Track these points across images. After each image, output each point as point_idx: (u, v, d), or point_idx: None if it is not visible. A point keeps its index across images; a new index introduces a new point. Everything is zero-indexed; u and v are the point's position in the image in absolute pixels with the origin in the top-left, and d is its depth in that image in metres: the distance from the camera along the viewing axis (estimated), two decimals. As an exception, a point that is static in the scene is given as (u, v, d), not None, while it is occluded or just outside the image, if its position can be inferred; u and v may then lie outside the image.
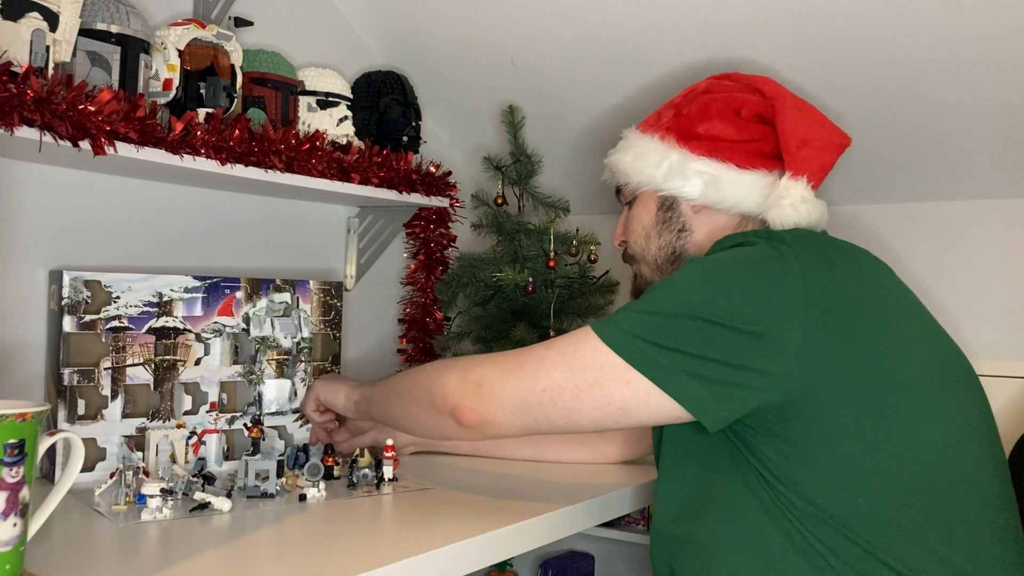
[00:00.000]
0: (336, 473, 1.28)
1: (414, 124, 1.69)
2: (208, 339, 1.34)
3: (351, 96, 1.61)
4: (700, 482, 1.10)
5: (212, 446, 1.34)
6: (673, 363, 0.99)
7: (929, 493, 0.99)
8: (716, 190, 1.21)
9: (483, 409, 1.08)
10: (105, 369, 1.24)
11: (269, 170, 1.37)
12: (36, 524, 0.88)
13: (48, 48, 1.12)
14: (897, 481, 0.98)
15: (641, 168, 1.26)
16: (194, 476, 1.19)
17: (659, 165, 1.24)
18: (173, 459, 1.29)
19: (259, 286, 1.40)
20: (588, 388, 1.03)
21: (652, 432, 1.21)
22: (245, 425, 1.36)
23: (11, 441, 0.79)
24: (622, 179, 1.31)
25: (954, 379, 1.08)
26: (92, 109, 1.11)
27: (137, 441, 1.27)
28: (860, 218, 1.75)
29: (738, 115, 1.23)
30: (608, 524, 1.87)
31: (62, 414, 1.21)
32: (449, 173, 1.75)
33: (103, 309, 1.24)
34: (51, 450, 1.20)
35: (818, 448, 0.99)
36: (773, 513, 1.01)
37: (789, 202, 1.16)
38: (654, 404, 1.01)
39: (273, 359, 1.41)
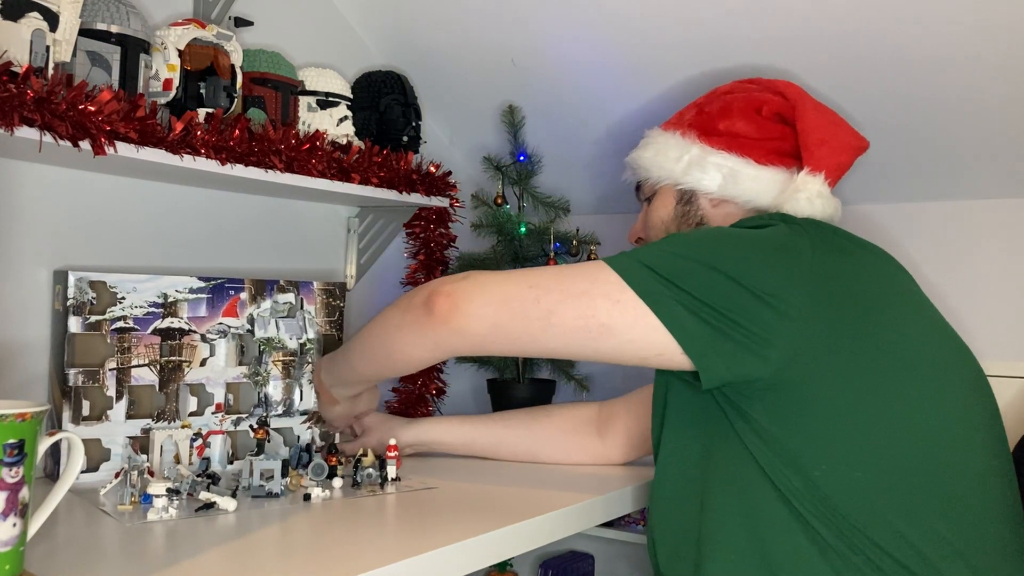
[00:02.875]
0: (340, 472, 1.28)
1: (414, 124, 1.69)
2: (213, 340, 1.34)
3: (351, 96, 1.61)
4: (702, 455, 1.08)
5: (217, 448, 1.33)
6: (674, 295, 0.98)
7: (926, 472, 0.99)
8: (735, 183, 1.23)
9: (460, 293, 1.06)
10: (110, 370, 1.24)
11: (269, 170, 1.37)
12: (36, 524, 0.88)
13: (48, 48, 1.12)
14: (893, 458, 0.98)
15: (661, 163, 1.29)
16: (199, 476, 1.19)
17: (679, 160, 1.27)
18: (177, 460, 1.29)
19: (263, 287, 1.40)
20: (576, 295, 1.02)
21: (654, 407, 1.19)
22: (251, 427, 1.36)
23: (11, 441, 0.79)
24: (642, 175, 1.33)
25: (957, 370, 1.08)
26: (92, 109, 1.11)
27: (141, 442, 1.27)
28: (870, 218, 1.75)
29: (758, 113, 1.25)
30: (608, 524, 1.86)
31: (67, 415, 1.21)
32: (449, 173, 1.74)
33: (108, 310, 1.24)
34: (56, 450, 1.20)
35: (813, 420, 0.99)
36: (776, 487, 1.00)
37: (805, 196, 1.18)
38: (640, 329, 0.99)
39: (279, 360, 1.41)
